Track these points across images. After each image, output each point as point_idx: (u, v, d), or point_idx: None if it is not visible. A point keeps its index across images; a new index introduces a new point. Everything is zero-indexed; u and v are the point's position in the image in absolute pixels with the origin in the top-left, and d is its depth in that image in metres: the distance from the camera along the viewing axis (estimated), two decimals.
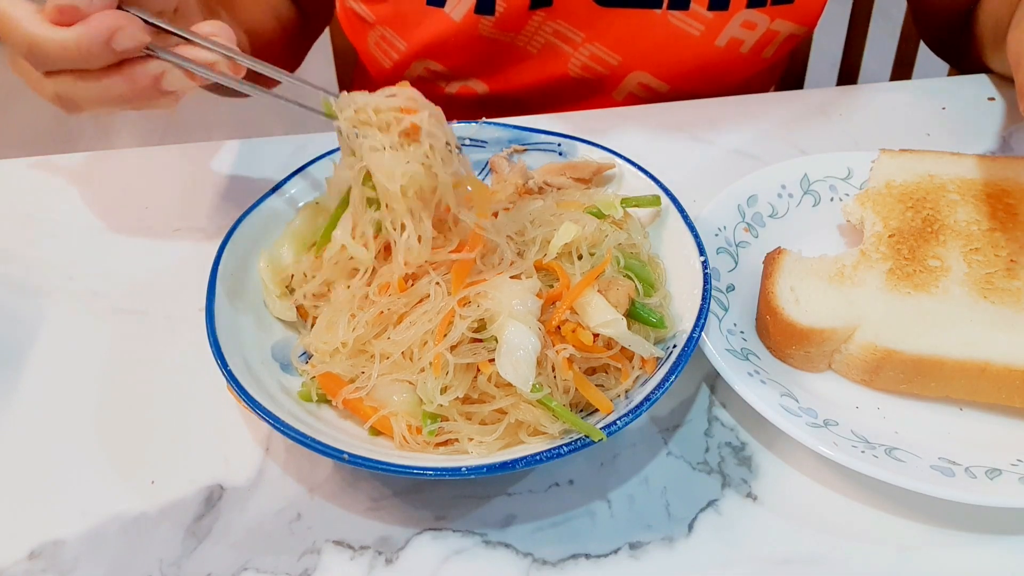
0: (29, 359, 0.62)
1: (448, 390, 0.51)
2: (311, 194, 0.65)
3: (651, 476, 0.54)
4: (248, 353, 0.55)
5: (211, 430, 0.57)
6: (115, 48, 0.50)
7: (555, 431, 0.50)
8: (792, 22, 0.84)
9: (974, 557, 0.50)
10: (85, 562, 0.51)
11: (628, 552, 0.51)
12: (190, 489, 0.54)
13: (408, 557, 0.51)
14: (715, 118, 0.82)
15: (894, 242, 0.63)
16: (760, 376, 0.56)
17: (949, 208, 0.65)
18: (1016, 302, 0.58)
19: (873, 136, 0.81)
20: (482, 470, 0.47)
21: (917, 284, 0.60)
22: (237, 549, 0.51)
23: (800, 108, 0.84)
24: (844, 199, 0.70)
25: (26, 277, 0.68)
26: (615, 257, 0.57)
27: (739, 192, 0.68)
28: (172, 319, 0.64)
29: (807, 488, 0.54)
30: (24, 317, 0.65)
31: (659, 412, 0.58)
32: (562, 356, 0.51)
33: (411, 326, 0.53)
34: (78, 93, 0.53)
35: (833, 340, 0.58)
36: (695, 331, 0.53)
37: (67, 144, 2.35)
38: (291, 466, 0.55)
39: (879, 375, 0.57)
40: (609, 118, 0.82)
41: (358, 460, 0.47)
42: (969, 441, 0.55)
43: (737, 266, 0.65)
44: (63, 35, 0.50)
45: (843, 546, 0.51)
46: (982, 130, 0.81)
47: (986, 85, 0.87)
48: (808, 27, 0.86)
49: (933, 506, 0.51)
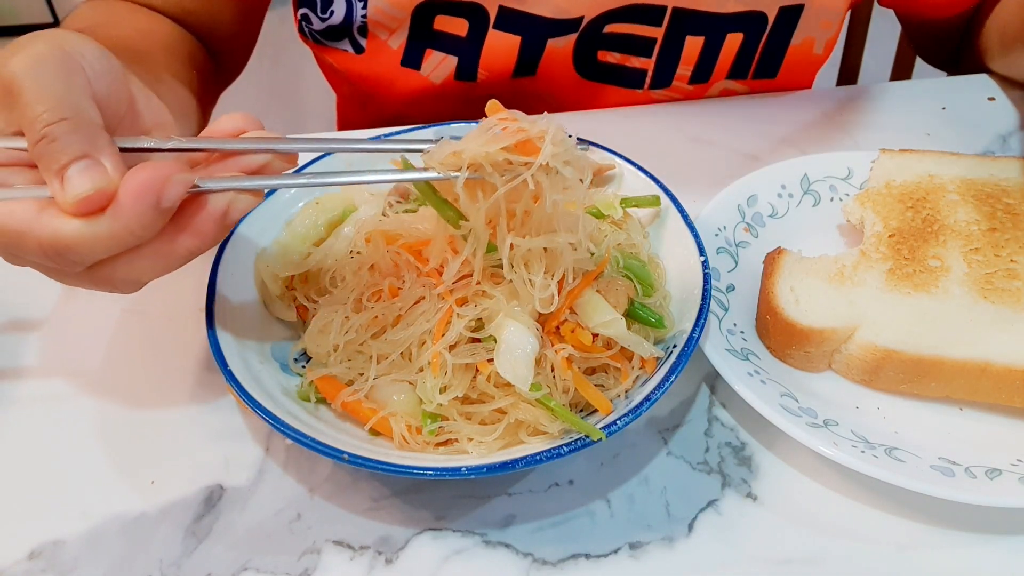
0: (29, 359, 0.62)
1: (447, 390, 0.51)
2: (311, 194, 0.65)
3: (651, 476, 0.54)
4: (248, 353, 0.55)
5: (211, 430, 0.57)
6: (165, 207, 0.41)
7: (555, 431, 0.50)
8: (772, 91, 0.86)
9: (974, 557, 0.50)
10: (85, 562, 0.51)
11: (628, 552, 0.51)
12: (190, 489, 0.54)
13: (408, 557, 0.51)
14: (715, 118, 0.82)
15: (894, 242, 0.63)
16: (760, 376, 0.56)
17: (949, 208, 0.65)
18: (1016, 302, 0.58)
19: (873, 136, 0.81)
20: (482, 470, 0.47)
21: (917, 284, 0.60)
22: (237, 549, 0.51)
23: (800, 108, 0.84)
24: (844, 199, 0.70)
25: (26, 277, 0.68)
26: (614, 257, 0.57)
27: (739, 192, 0.68)
28: (172, 319, 0.64)
29: (807, 488, 0.54)
30: (24, 317, 0.65)
31: (659, 412, 0.58)
32: (561, 356, 0.51)
33: (409, 326, 0.53)
34: (134, 272, 0.43)
35: (833, 340, 0.58)
36: (695, 331, 0.53)
37: None
38: (291, 466, 0.55)
39: (879, 375, 0.57)
40: (609, 118, 0.82)
41: (358, 460, 0.47)
42: (969, 441, 0.55)
43: (737, 266, 0.65)
44: (99, 226, 0.40)
45: (843, 546, 0.51)
46: (982, 130, 0.81)
47: (986, 85, 0.87)
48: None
49: (933, 506, 0.51)
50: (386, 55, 0.83)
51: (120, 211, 0.40)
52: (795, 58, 0.85)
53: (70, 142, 0.41)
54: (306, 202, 0.64)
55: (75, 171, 0.41)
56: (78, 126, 0.42)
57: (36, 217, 0.41)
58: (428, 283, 0.54)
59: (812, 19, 0.82)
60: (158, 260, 0.43)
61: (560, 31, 0.81)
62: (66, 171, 0.41)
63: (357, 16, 0.80)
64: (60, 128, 0.41)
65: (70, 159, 0.41)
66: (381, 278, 0.56)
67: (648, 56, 0.83)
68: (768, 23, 0.81)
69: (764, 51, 0.84)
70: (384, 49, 0.83)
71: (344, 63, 0.86)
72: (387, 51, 0.83)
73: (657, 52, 0.83)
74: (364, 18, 0.80)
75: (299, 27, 0.86)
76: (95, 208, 0.41)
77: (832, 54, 0.89)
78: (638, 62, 0.84)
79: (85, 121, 0.43)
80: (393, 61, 0.83)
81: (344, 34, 0.83)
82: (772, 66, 0.86)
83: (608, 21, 0.80)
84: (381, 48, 0.83)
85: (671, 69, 0.84)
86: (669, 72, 0.85)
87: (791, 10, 0.80)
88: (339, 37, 0.84)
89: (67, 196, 0.40)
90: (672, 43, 0.82)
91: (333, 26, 0.82)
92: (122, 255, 0.43)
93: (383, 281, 0.56)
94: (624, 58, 0.83)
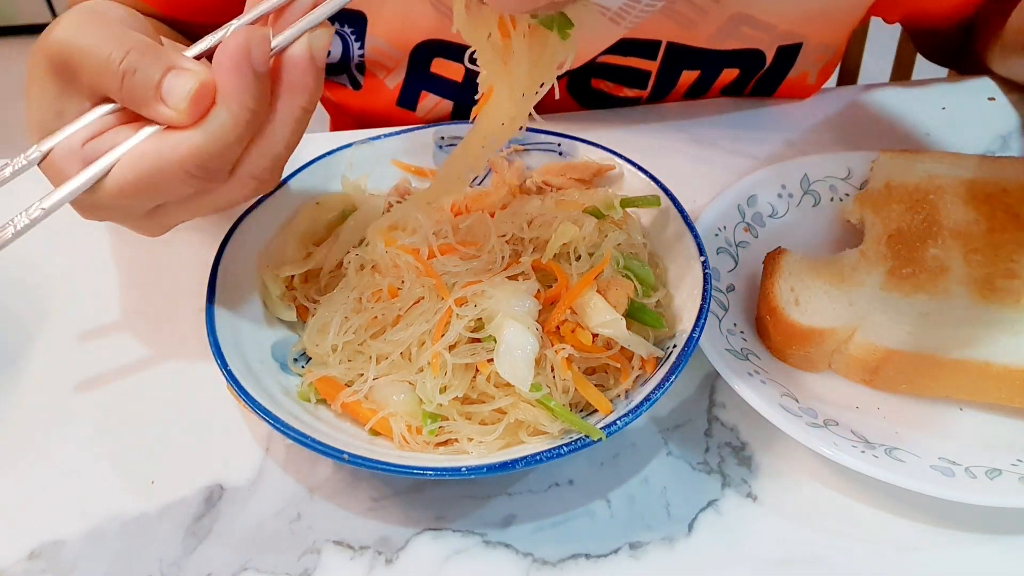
0: (29, 359, 0.62)
1: (447, 390, 0.51)
2: (311, 194, 0.65)
3: (651, 476, 0.54)
4: (248, 353, 0.55)
5: (211, 430, 0.57)
6: (261, 71, 0.42)
7: (555, 431, 0.50)
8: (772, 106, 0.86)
9: (974, 557, 0.50)
10: (85, 562, 0.51)
11: (628, 552, 0.51)
12: (190, 489, 0.54)
13: (408, 557, 0.51)
14: (715, 118, 0.82)
15: (894, 242, 0.63)
16: (760, 376, 0.56)
17: (949, 208, 0.65)
18: (1016, 302, 0.58)
19: (873, 136, 0.81)
20: (482, 470, 0.47)
21: (917, 284, 0.60)
22: (237, 549, 0.51)
23: (800, 108, 0.84)
24: (844, 199, 0.70)
25: (26, 277, 0.68)
26: (614, 257, 0.57)
27: (739, 192, 0.68)
28: (172, 319, 0.64)
29: (807, 488, 0.54)
30: (24, 317, 0.65)
31: (659, 412, 0.58)
32: (561, 356, 0.51)
33: (408, 326, 0.53)
34: (271, 151, 0.44)
35: (833, 340, 0.58)
36: (695, 331, 0.53)
37: None
38: (291, 466, 0.55)
39: (879, 375, 0.57)
40: (609, 118, 0.82)
41: (358, 460, 0.47)
42: (969, 441, 0.55)
43: (737, 266, 0.65)
44: (219, 117, 0.42)
45: (843, 546, 0.51)
46: (982, 130, 0.81)
47: (986, 85, 0.87)
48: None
49: (933, 506, 0.51)
50: (382, 94, 0.83)
51: (227, 93, 0.42)
52: (788, 88, 0.85)
53: (149, 63, 0.43)
54: (306, 202, 0.64)
55: (169, 82, 0.42)
56: (147, 49, 0.43)
57: (164, 146, 0.42)
58: (427, 283, 0.54)
59: (809, 55, 0.81)
60: (285, 130, 0.44)
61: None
62: (161, 88, 0.42)
63: (354, 54, 0.80)
64: (133, 58, 0.43)
65: (159, 75, 0.43)
66: (381, 278, 0.56)
67: (642, 88, 0.83)
68: (766, 63, 0.81)
69: (757, 84, 0.84)
70: (381, 88, 0.82)
71: (341, 97, 0.86)
72: (384, 90, 0.82)
73: (652, 84, 0.82)
74: (362, 57, 0.80)
75: None
76: (205, 103, 0.42)
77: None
78: (631, 92, 0.83)
79: (151, 45, 0.44)
80: (389, 100, 0.83)
81: (343, 69, 0.83)
82: (765, 95, 0.86)
83: (602, 52, 0.79)
84: (378, 87, 0.82)
85: (664, 97, 0.84)
86: (663, 100, 0.85)
87: (789, 48, 0.80)
88: (338, 72, 0.84)
89: (177, 103, 0.42)
90: (667, 76, 0.81)
91: (331, 64, 0.82)
92: (254, 143, 0.44)
93: (382, 281, 0.56)
94: (617, 88, 0.83)
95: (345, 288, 0.58)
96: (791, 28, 0.78)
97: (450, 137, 0.70)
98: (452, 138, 0.70)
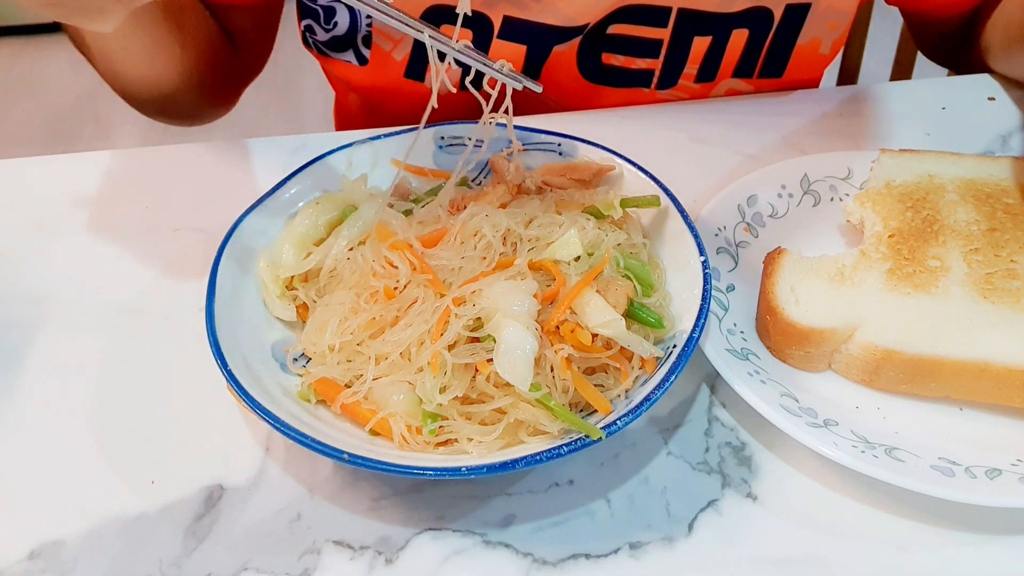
0: (29, 359, 0.62)
1: (447, 389, 0.51)
2: (311, 194, 0.65)
3: (651, 476, 0.54)
4: (248, 353, 0.55)
5: (211, 430, 0.57)
6: None
7: (555, 431, 0.50)
8: (778, 89, 0.86)
9: (974, 557, 0.50)
10: (85, 562, 0.51)
11: (628, 552, 0.51)
12: (190, 489, 0.54)
13: (408, 557, 0.51)
14: (715, 118, 0.82)
15: (894, 242, 0.63)
16: (760, 376, 0.56)
17: (949, 208, 0.65)
18: (1016, 302, 0.58)
19: (873, 136, 0.81)
20: (482, 470, 0.47)
21: (917, 284, 0.60)
22: (237, 549, 0.51)
23: (800, 108, 0.84)
24: (844, 199, 0.70)
25: (26, 277, 0.68)
26: (614, 257, 0.57)
27: (739, 192, 0.68)
28: (172, 319, 0.64)
29: (807, 488, 0.54)
30: (24, 317, 0.65)
31: (659, 412, 0.58)
32: (560, 356, 0.51)
33: (407, 327, 0.53)
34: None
35: (833, 340, 0.58)
36: (695, 331, 0.53)
37: (67, 144, 2.35)
38: (291, 466, 0.55)
39: (879, 375, 0.57)
40: (609, 118, 0.82)
41: (358, 460, 0.47)
42: (969, 441, 0.55)
43: (737, 266, 0.65)
44: None
45: (843, 546, 0.51)
46: (982, 130, 0.81)
47: (986, 85, 0.87)
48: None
49: (933, 506, 0.51)
50: (389, 67, 0.83)
51: None
52: (801, 58, 0.85)
53: None
54: (306, 202, 0.64)
55: None
56: None
57: None
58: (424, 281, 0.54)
59: (819, 19, 0.81)
60: None
61: (565, 37, 0.80)
62: None
63: (362, 26, 0.80)
64: None
65: None
66: (379, 279, 0.56)
67: (655, 57, 0.83)
68: (774, 21, 0.81)
69: (770, 50, 0.84)
70: (387, 61, 0.82)
71: (348, 74, 0.86)
72: (391, 63, 0.82)
73: (664, 53, 0.82)
74: (369, 27, 0.80)
75: (303, 38, 0.86)
76: None
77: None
78: (644, 63, 0.83)
79: None
80: (396, 73, 0.83)
81: (348, 45, 0.83)
82: (778, 65, 0.85)
83: (612, 22, 0.80)
84: (384, 59, 0.82)
85: (678, 69, 0.84)
86: (676, 72, 0.84)
87: (798, 8, 0.80)
88: (343, 48, 0.84)
89: None
90: (679, 44, 0.82)
91: (337, 37, 0.82)
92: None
93: (380, 282, 0.56)
94: (629, 60, 0.83)
95: (343, 288, 0.58)
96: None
97: (450, 137, 0.70)
98: (452, 138, 0.70)
